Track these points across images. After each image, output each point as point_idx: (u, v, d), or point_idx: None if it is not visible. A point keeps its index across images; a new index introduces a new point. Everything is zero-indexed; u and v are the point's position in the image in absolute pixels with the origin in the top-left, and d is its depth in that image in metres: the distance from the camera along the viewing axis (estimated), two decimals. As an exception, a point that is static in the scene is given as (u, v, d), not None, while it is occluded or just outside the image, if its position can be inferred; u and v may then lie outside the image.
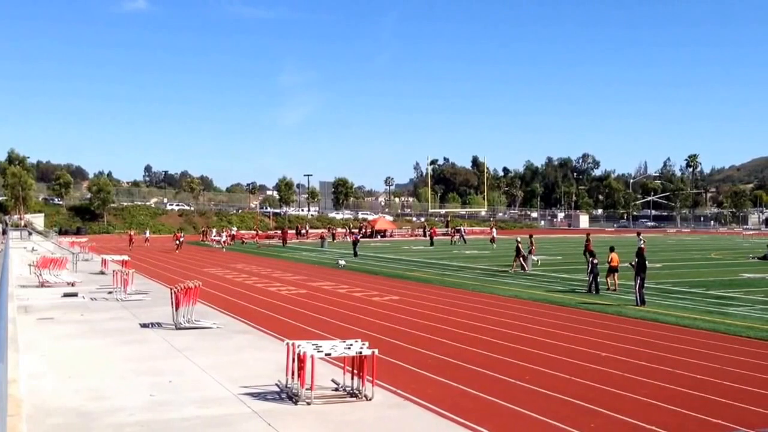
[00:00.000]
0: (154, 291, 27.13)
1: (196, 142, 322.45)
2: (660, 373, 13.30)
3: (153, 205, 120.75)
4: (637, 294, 22.64)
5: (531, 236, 39.09)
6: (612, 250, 27.40)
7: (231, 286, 29.74)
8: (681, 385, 12.34)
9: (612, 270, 26.99)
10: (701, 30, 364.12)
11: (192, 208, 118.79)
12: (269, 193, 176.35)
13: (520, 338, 17.09)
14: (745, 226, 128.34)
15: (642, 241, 38.32)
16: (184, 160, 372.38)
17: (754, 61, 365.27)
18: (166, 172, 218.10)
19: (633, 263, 23.32)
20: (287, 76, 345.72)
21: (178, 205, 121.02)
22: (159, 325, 18.78)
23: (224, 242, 61.63)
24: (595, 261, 26.66)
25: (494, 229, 68.68)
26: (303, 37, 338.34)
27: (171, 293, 18.86)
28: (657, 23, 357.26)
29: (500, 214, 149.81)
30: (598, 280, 26.55)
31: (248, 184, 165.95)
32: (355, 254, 47.97)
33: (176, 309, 18.35)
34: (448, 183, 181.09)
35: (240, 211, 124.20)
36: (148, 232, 75.59)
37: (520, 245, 36.33)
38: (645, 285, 23.19)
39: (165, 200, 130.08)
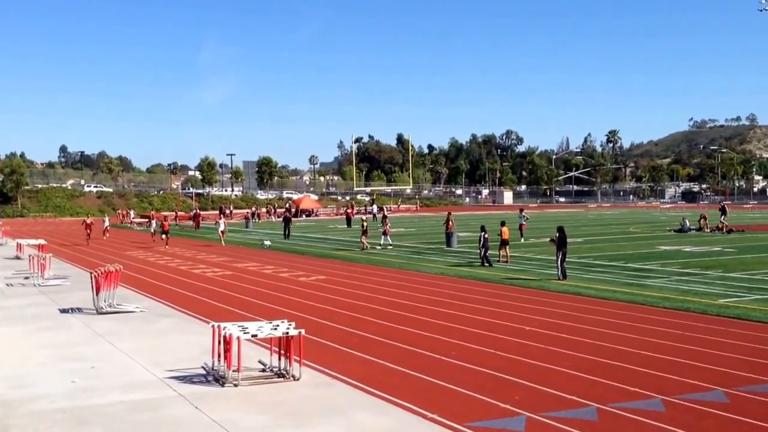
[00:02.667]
0: (73, 276, 26.36)
1: (113, 122, 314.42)
2: (582, 345, 13.63)
3: (70, 187, 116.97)
4: (559, 268, 23.17)
5: (449, 213, 39.56)
6: (503, 224, 29.05)
7: (154, 269, 29.13)
8: (602, 356, 12.67)
9: (503, 243, 28.45)
10: (618, 6, 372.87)
11: (111, 190, 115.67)
12: (191, 173, 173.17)
13: (446, 314, 17.27)
14: (662, 200, 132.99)
15: (524, 218, 38.99)
16: (101, 140, 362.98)
17: (671, 38, 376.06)
18: (82, 152, 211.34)
19: (554, 238, 23.83)
20: (208, 53, 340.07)
21: (96, 186, 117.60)
22: (79, 310, 18.26)
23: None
24: (486, 235, 27.76)
25: (375, 206, 68.94)
26: (223, 12, 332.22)
27: (91, 277, 18.33)
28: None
29: (425, 192, 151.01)
30: (488, 253, 27.73)
31: (169, 165, 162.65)
32: (287, 235, 46.54)
33: (97, 293, 17.85)
34: (373, 161, 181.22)
35: (161, 192, 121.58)
36: (107, 220, 53.55)
37: (365, 222, 38.11)
38: (566, 259, 23.80)
39: (82, 182, 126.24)
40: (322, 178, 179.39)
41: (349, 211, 63.91)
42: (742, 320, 15.81)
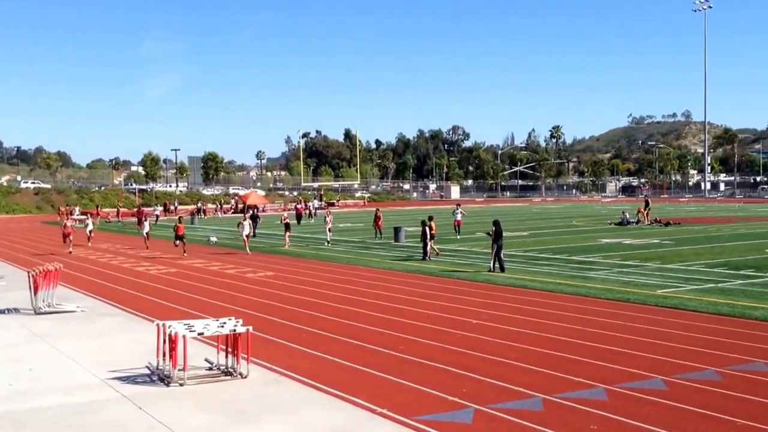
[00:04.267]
0: (9, 275, 25.69)
1: (51, 117, 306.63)
2: (528, 336, 13.84)
3: (5, 183, 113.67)
4: (493, 260, 23.89)
5: (378, 209, 39.74)
6: (431, 219, 29.13)
7: (96, 267, 28.55)
8: (547, 347, 12.89)
9: (431, 237, 28.51)
10: (560, 5, 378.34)
11: (50, 186, 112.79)
12: (134, 168, 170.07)
13: (394, 309, 17.34)
14: (603, 194, 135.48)
15: (460, 213, 39.11)
16: (38, 135, 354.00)
17: (611, 36, 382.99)
18: (18, 147, 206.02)
19: (490, 232, 24.25)
20: (151, 46, 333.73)
21: (33, 182, 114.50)
22: (16, 310, 17.80)
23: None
24: (428, 229, 28.09)
25: (315, 202, 67.83)
26: (167, 6, 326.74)
27: (29, 276, 17.89)
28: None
29: (373, 187, 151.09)
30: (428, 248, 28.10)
31: (111, 160, 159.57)
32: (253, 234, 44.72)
33: (35, 293, 17.42)
34: (321, 156, 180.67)
35: (103, 188, 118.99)
36: (90, 224, 41.01)
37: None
38: (510, 252, 24.35)
39: (19, 177, 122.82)
40: (269, 174, 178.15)
41: (299, 207, 63.42)
42: (679, 310, 16.25)
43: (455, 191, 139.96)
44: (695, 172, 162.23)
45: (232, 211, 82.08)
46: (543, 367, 11.50)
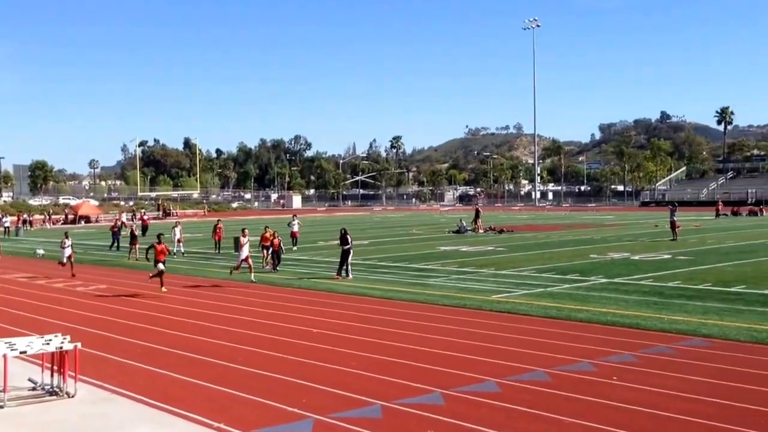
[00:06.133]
0: None
1: None
2: (368, 344, 13.96)
3: None
4: (340, 266, 24.56)
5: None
6: (265, 229, 29.12)
7: None
8: (387, 354, 13.05)
9: (264, 247, 28.37)
10: (389, 18, 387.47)
11: None
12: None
13: (232, 320, 16.99)
14: (441, 203, 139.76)
15: (296, 224, 38.61)
16: None
17: (450, 51, 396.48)
18: None
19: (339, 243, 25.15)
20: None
21: None
22: None
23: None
24: (276, 240, 27.88)
25: (124, 215, 63.11)
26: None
27: None
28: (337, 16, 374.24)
29: (213, 196, 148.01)
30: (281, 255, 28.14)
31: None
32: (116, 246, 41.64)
33: None
34: (159, 165, 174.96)
35: None
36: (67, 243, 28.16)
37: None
38: (352, 261, 25.11)
39: None
40: (103, 183, 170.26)
41: (145, 218, 60.11)
42: (511, 314, 16.98)
43: (297, 201, 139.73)
44: (526, 181, 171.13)
45: (62, 222, 77.71)
46: (382, 374, 11.63)
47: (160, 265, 21.76)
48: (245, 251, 24.00)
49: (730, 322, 15.29)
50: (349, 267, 24.67)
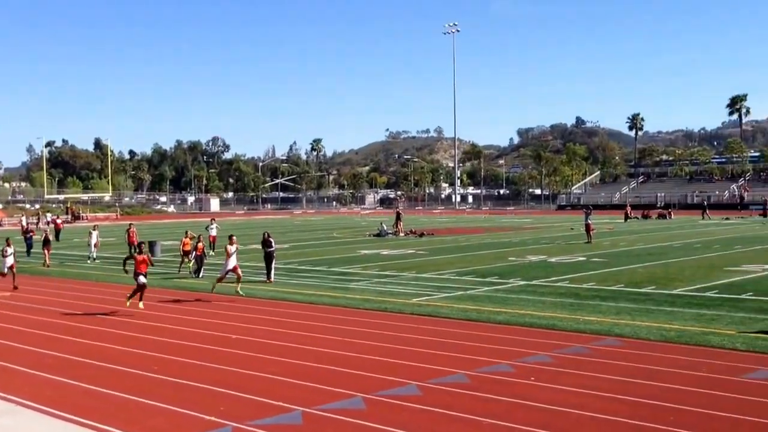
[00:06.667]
0: None
1: None
2: (288, 349, 13.78)
3: None
4: (266, 270, 24.65)
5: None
6: (186, 234, 29.02)
7: None
8: (307, 359, 12.90)
9: (185, 253, 27.92)
10: (321, 22, 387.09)
11: None
12: None
13: (147, 327, 16.53)
14: (362, 206, 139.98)
15: (215, 228, 37.87)
16: None
17: (371, 53, 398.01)
18: None
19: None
20: None
21: None
22: None
23: None
24: (200, 245, 27.27)
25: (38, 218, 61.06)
26: None
27: None
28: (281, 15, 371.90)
29: (126, 199, 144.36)
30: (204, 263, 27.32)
31: None
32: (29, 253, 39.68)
33: None
34: (67, 167, 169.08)
35: None
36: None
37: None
38: (274, 264, 25.06)
39: None
40: (6, 185, 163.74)
41: (58, 222, 57.69)
42: (432, 317, 17.05)
43: (215, 204, 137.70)
44: (447, 185, 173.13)
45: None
46: (303, 379, 11.47)
47: (142, 278, 18.76)
48: (233, 261, 21.18)
49: (642, 321, 15.75)
50: (272, 271, 24.57)
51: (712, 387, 10.63)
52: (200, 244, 26.91)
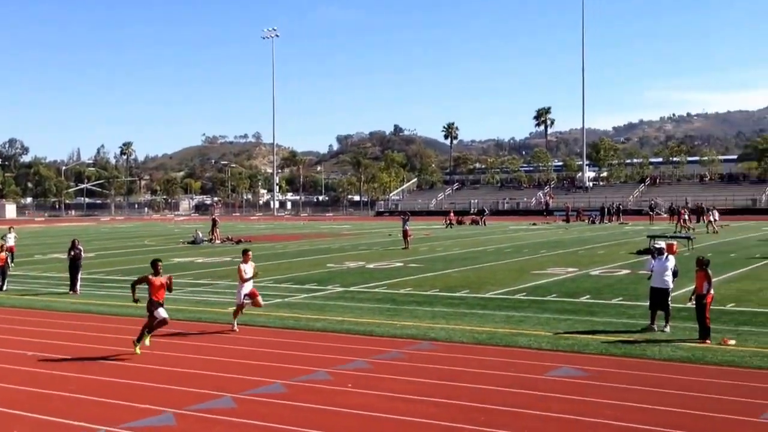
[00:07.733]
0: None
1: None
2: (91, 365, 12.87)
3: None
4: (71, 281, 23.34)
5: None
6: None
7: None
8: (111, 375, 12.06)
9: None
10: (184, 25, 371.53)
11: None
12: None
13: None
14: (176, 212, 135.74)
15: (13, 237, 35.23)
16: None
17: (184, 54, 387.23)
18: None
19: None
20: None
21: None
22: None
23: None
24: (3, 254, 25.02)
25: None
26: None
27: None
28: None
29: None
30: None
31: None
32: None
33: None
34: None
35: None
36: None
37: None
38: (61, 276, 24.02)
39: None
40: None
41: None
42: (248, 326, 16.46)
43: (11, 210, 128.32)
44: (265, 191, 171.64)
45: None
46: (106, 396, 10.68)
47: (162, 311, 13.78)
48: (249, 285, 16.22)
49: (456, 325, 16.17)
50: (77, 282, 23.02)
51: (520, 386, 11.03)
52: (3, 254, 24.56)
